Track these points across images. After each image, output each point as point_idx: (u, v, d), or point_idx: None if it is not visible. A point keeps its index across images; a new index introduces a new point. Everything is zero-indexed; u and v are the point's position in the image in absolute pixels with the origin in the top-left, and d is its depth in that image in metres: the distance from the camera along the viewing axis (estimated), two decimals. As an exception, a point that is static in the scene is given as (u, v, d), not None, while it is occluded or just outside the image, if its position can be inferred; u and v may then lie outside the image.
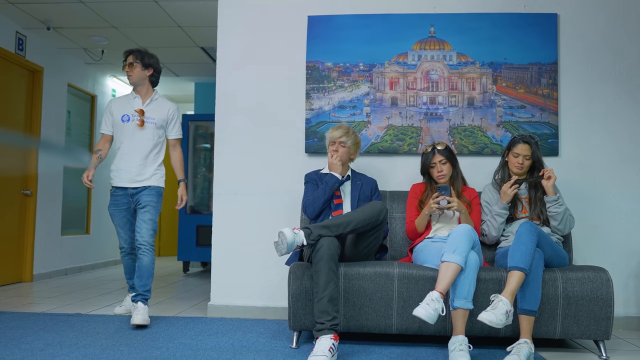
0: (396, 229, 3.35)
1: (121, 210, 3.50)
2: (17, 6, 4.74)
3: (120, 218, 3.51)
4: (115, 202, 3.50)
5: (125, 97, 3.59)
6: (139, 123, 3.43)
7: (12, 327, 3.15)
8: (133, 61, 3.46)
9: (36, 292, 4.72)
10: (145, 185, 3.45)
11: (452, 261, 2.55)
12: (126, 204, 3.48)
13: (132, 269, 3.57)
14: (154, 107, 3.51)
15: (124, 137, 3.46)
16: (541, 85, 3.56)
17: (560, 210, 2.94)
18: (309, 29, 3.69)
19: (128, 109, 3.48)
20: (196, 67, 6.59)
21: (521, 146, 3.04)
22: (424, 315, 2.44)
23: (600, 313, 2.71)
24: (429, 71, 3.63)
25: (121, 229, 3.53)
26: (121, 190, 3.47)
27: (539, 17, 3.57)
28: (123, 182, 3.45)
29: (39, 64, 5.48)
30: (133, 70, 3.46)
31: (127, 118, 3.46)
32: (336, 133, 3.18)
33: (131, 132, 3.44)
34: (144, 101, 3.50)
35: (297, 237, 2.64)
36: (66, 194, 6.02)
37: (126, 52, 3.53)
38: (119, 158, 3.47)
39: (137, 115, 3.45)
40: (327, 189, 3.06)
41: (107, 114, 3.54)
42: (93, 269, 6.50)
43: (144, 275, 3.38)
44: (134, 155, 3.43)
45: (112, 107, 3.54)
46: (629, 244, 3.48)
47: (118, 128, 3.48)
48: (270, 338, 2.97)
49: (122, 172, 3.44)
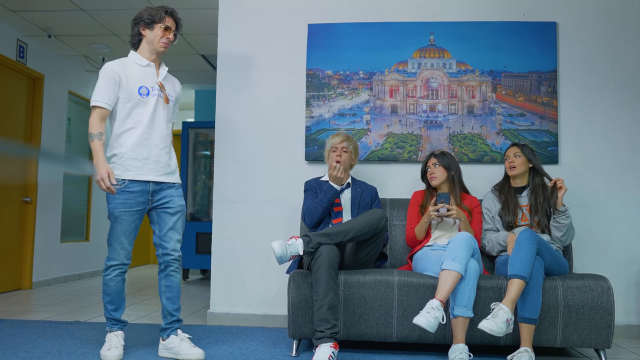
0: (396, 236, 3.34)
1: (133, 213, 2.66)
2: (18, 14, 4.76)
3: (130, 223, 2.67)
4: (128, 201, 2.64)
5: (131, 62, 2.74)
6: (164, 99, 2.74)
7: (10, 335, 3.14)
8: (176, 32, 2.81)
9: (35, 299, 4.71)
10: (172, 182, 2.77)
11: (452, 269, 2.55)
12: (142, 203, 2.68)
13: (122, 294, 2.74)
14: (168, 81, 2.84)
15: (141, 116, 2.67)
16: (541, 93, 3.57)
17: (567, 222, 2.95)
18: (309, 37, 3.71)
19: (145, 80, 2.71)
20: (197, 74, 6.61)
21: (510, 149, 3.19)
22: (424, 323, 2.43)
23: (601, 321, 2.70)
24: (429, 79, 3.64)
25: (125, 238, 2.68)
26: (138, 185, 2.65)
27: (538, 26, 3.58)
28: (146, 175, 2.67)
29: (39, 71, 5.50)
30: (172, 39, 2.78)
31: (146, 91, 2.69)
32: (337, 139, 3.19)
33: (152, 110, 2.69)
34: (158, 73, 2.79)
35: (291, 247, 2.65)
36: (66, 201, 6.02)
37: (170, 13, 2.76)
38: (137, 142, 2.66)
39: (158, 89, 2.73)
40: (325, 200, 3.05)
41: (111, 82, 2.63)
42: (92, 276, 6.49)
43: (178, 297, 2.79)
44: (157, 139, 2.71)
45: (120, 73, 2.65)
46: (629, 252, 3.47)
47: (130, 103, 2.66)
48: (270, 346, 2.96)
49: (147, 162, 2.67)
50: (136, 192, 2.65)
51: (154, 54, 2.76)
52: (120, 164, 2.64)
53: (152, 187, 2.69)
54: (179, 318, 2.78)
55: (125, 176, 2.63)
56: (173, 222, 2.74)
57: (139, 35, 2.76)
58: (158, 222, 2.74)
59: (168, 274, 2.76)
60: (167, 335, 2.73)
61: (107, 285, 2.69)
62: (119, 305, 2.73)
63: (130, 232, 2.68)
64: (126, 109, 2.66)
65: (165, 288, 2.76)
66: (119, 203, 2.63)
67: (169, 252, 2.74)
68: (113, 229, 2.67)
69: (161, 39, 2.72)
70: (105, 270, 2.70)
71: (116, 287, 2.69)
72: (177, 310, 2.77)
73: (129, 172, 2.64)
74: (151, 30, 2.73)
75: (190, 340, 2.76)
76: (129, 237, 2.69)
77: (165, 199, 2.73)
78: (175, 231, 2.75)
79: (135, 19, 2.76)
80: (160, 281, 2.79)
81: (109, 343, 2.67)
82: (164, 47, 2.74)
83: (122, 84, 2.65)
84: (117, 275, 2.68)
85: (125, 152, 2.64)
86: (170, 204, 2.73)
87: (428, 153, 3.27)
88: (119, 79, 2.64)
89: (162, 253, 2.75)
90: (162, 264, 2.77)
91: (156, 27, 2.72)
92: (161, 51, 2.75)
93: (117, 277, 2.69)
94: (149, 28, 2.73)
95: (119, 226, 2.66)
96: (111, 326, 2.72)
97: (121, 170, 2.63)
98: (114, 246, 2.67)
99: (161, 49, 2.74)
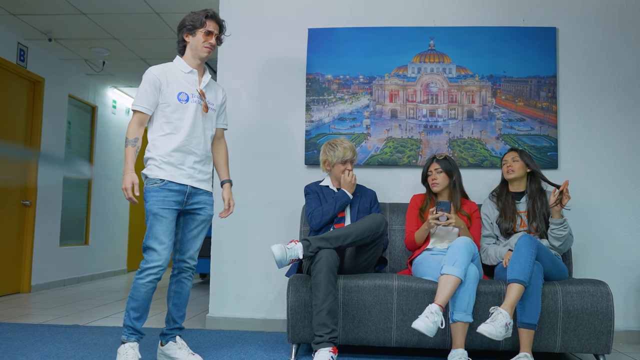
0: (396, 241, 3.34)
1: (172, 212, 2.57)
2: (19, 17, 4.77)
3: (170, 221, 2.56)
4: (167, 199, 2.55)
5: (175, 68, 2.70)
6: (204, 108, 2.69)
7: (9, 339, 3.13)
8: (219, 35, 2.75)
9: (34, 303, 4.70)
10: (206, 189, 2.72)
11: (451, 274, 2.55)
12: (179, 203, 2.59)
13: (149, 302, 2.59)
14: (210, 89, 2.79)
15: (181, 122, 2.62)
16: (540, 98, 3.57)
17: (565, 233, 2.91)
18: (310, 41, 3.71)
19: (186, 86, 2.67)
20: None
21: (507, 154, 3.18)
22: (423, 328, 2.43)
23: (601, 327, 2.69)
24: (429, 84, 3.65)
25: (166, 237, 2.54)
26: (177, 185, 2.58)
27: (538, 31, 3.59)
28: (182, 178, 2.61)
29: (40, 75, 5.51)
30: (215, 43, 2.73)
31: (185, 97, 2.64)
32: (349, 153, 3.14)
33: (192, 117, 2.64)
34: (200, 81, 2.73)
35: (291, 251, 2.65)
36: (65, 204, 6.02)
37: (211, 17, 2.70)
38: (175, 149, 2.60)
39: (198, 96, 2.68)
40: (338, 206, 3.07)
41: (152, 87, 2.60)
42: (91, 280, 6.48)
43: (185, 304, 2.77)
44: (194, 146, 2.66)
45: (161, 78, 2.62)
46: (628, 257, 3.47)
47: (169, 108, 2.62)
48: (269, 351, 2.96)
49: (183, 167, 2.62)
50: (175, 191, 2.57)
51: (197, 59, 2.71)
52: (157, 166, 2.58)
53: (189, 190, 2.62)
54: (182, 326, 2.75)
55: (163, 176, 2.56)
56: (198, 231, 2.71)
57: (183, 42, 2.72)
58: (183, 226, 2.69)
59: (180, 280, 2.72)
60: (166, 340, 2.70)
61: (137, 290, 2.52)
62: (142, 314, 2.57)
63: (171, 232, 2.56)
64: (165, 114, 2.62)
65: (175, 294, 2.73)
66: (157, 200, 2.53)
67: (186, 260, 2.70)
68: (152, 228, 2.53)
69: (203, 44, 2.67)
70: (139, 273, 2.54)
71: (146, 294, 2.54)
72: (182, 318, 2.75)
73: (166, 173, 2.58)
74: (193, 36, 2.68)
75: (188, 347, 2.74)
76: (170, 236, 2.55)
77: (198, 204, 2.68)
78: (198, 240, 2.72)
79: (179, 26, 2.73)
80: (170, 285, 2.75)
81: (124, 356, 2.50)
82: (207, 52, 2.69)
83: (162, 88, 2.61)
84: (151, 281, 2.52)
85: (162, 156, 2.58)
86: (201, 212, 2.70)
87: (429, 156, 3.25)
88: (160, 84, 2.61)
89: (179, 259, 2.70)
90: (175, 269, 2.72)
91: (198, 33, 2.66)
92: (204, 56, 2.70)
93: (151, 284, 2.53)
94: (191, 34, 2.68)
95: (158, 224, 2.52)
96: (129, 335, 2.55)
97: (158, 171, 2.58)
98: (154, 247, 2.51)
99: (204, 54, 2.69)
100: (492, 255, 2.98)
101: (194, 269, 2.75)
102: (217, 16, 2.72)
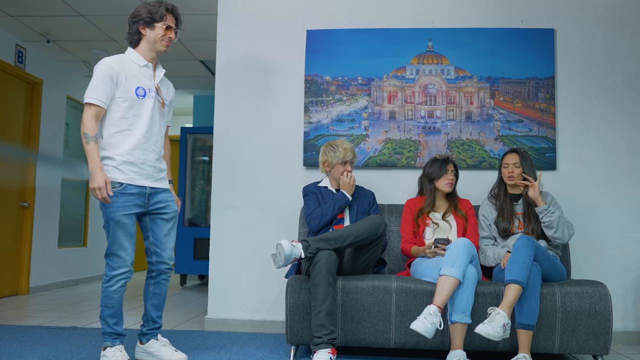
0: (394, 242, 3.34)
1: (133, 216, 2.54)
2: (17, 19, 4.76)
3: (131, 226, 2.53)
4: (127, 204, 2.50)
5: (129, 61, 2.61)
6: (161, 104, 2.63)
7: (7, 341, 3.13)
8: (177, 29, 2.69)
9: (32, 304, 4.69)
10: (164, 187, 2.67)
11: (450, 275, 2.55)
12: (139, 206, 2.55)
13: (122, 305, 2.59)
14: (163, 84, 2.72)
15: (138, 118, 2.54)
16: (538, 100, 3.58)
17: (554, 217, 2.89)
18: (308, 42, 3.71)
19: (142, 80, 2.59)
20: (195, 80, 6.62)
21: (509, 156, 3.12)
22: (422, 329, 2.43)
23: (599, 328, 2.70)
24: (427, 85, 3.65)
25: (129, 244, 2.53)
26: (136, 188, 2.53)
27: (536, 32, 3.60)
28: (143, 180, 2.55)
29: (38, 77, 5.50)
30: (174, 38, 2.67)
31: (142, 92, 2.56)
32: (349, 154, 3.14)
33: (150, 113, 2.57)
34: (155, 75, 2.67)
35: (295, 249, 2.64)
36: (63, 206, 6.01)
37: (170, 10, 2.64)
38: (135, 146, 2.53)
39: (155, 91, 2.61)
40: (337, 207, 3.07)
41: (108, 79, 2.48)
42: (90, 281, 6.47)
43: (163, 304, 2.76)
44: (153, 143, 2.60)
45: (118, 70, 2.51)
46: (627, 258, 3.47)
47: (126, 103, 2.52)
48: (268, 352, 2.95)
49: (144, 167, 2.55)
50: (134, 195, 2.52)
51: (153, 53, 2.64)
52: (116, 167, 2.49)
53: (148, 190, 2.57)
54: (161, 324, 2.75)
55: (122, 179, 2.49)
56: (168, 229, 2.67)
57: (138, 34, 2.62)
58: (152, 229, 2.65)
59: (159, 282, 2.71)
60: (147, 339, 2.70)
61: (110, 298, 2.51)
62: (120, 318, 2.57)
63: (132, 237, 2.54)
64: (122, 109, 2.51)
65: (153, 295, 2.71)
66: (118, 206, 2.47)
67: (164, 261, 2.69)
68: (115, 235, 2.50)
69: (163, 38, 2.60)
70: (107, 282, 2.52)
71: (119, 299, 2.54)
72: (160, 317, 2.74)
73: (126, 175, 2.50)
74: (152, 30, 2.59)
75: (170, 344, 2.74)
76: (132, 242, 2.54)
77: (160, 203, 2.63)
78: (170, 237, 2.69)
79: (134, 17, 2.61)
80: (148, 287, 2.73)
81: (113, 359, 2.49)
82: (167, 46, 2.63)
83: (120, 82, 2.51)
84: (122, 285, 2.53)
85: (121, 155, 2.49)
86: (166, 210, 2.65)
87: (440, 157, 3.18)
88: (117, 76, 2.50)
89: (157, 261, 2.68)
90: (154, 271, 2.70)
91: (157, 27, 2.59)
92: (163, 51, 2.63)
93: (122, 288, 2.53)
94: (149, 27, 2.59)
95: (121, 231, 2.49)
96: (113, 341, 2.54)
97: (117, 174, 2.49)
98: (118, 254, 2.51)
99: (163, 48, 2.63)
100: (491, 256, 2.98)
101: (172, 268, 2.74)
102: (175, 10, 2.66)
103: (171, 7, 2.64)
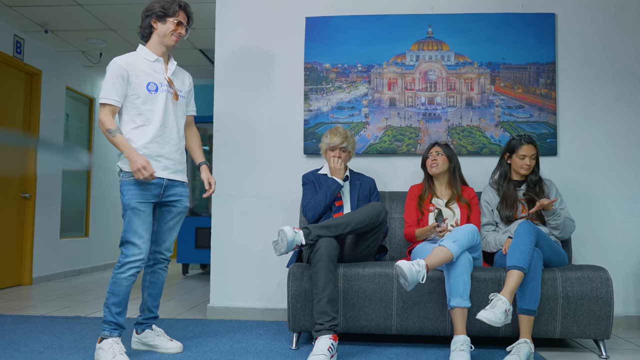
0: (395, 229, 3.34)
1: (149, 205, 2.57)
2: (15, 9, 4.74)
3: (148, 215, 2.56)
4: (144, 192, 2.54)
5: (139, 57, 2.66)
6: (174, 96, 2.68)
7: (11, 330, 3.15)
8: (187, 27, 2.73)
9: (35, 295, 4.72)
10: (181, 180, 2.72)
11: (446, 246, 2.56)
12: (155, 196, 2.59)
13: (129, 296, 2.58)
14: (177, 76, 2.77)
15: (152, 113, 2.59)
16: (539, 85, 3.56)
17: (560, 221, 2.93)
18: (307, 30, 3.69)
19: (153, 75, 2.64)
20: (194, 69, 6.54)
21: (526, 147, 3.05)
22: (406, 268, 2.46)
23: (600, 312, 2.71)
24: (427, 72, 3.64)
25: (145, 232, 2.54)
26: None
27: (536, 17, 3.57)
28: (159, 171, 2.58)
29: (37, 67, 5.48)
30: (184, 34, 2.71)
31: (154, 87, 2.61)
32: (337, 140, 3.14)
33: (163, 106, 2.62)
34: (167, 68, 2.71)
35: (297, 236, 2.64)
36: (65, 196, 6.01)
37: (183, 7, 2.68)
38: (150, 140, 2.58)
39: (167, 84, 2.66)
40: (329, 195, 3.06)
41: (119, 78, 2.54)
42: (92, 271, 6.50)
43: (160, 294, 2.79)
44: (169, 136, 2.65)
45: (127, 69, 2.57)
46: (627, 243, 3.48)
47: (139, 99, 2.58)
48: (270, 340, 2.97)
49: (160, 159, 2.60)
50: (152, 184, 2.55)
51: (163, 47, 2.68)
52: None
53: (165, 182, 2.61)
54: (157, 315, 2.78)
55: None
56: (174, 223, 2.72)
57: (150, 28, 2.67)
58: (159, 219, 2.68)
59: (155, 271, 2.74)
60: (142, 329, 2.73)
61: (119, 285, 2.50)
62: (124, 309, 2.55)
63: (149, 225, 2.57)
64: (135, 106, 2.57)
65: (150, 284, 2.74)
66: (135, 194, 2.52)
67: (162, 252, 2.73)
68: (131, 222, 2.52)
69: (173, 33, 2.65)
70: (119, 267, 2.52)
71: (127, 288, 2.53)
72: (157, 307, 2.77)
73: None
74: (163, 24, 2.64)
75: (166, 334, 2.76)
76: (148, 230, 2.56)
77: (174, 196, 2.67)
78: (174, 231, 2.73)
79: (147, 11, 2.66)
80: (145, 275, 2.75)
81: (111, 351, 2.44)
82: (176, 41, 2.68)
83: (131, 79, 2.57)
84: (133, 274, 2.51)
85: (138, 149, 2.53)
86: (177, 204, 2.70)
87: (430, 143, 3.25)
88: (127, 75, 2.56)
89: (155, 250, 2.71)
90: (151, 259, 2.72)
91: (168, 21, 2.63)
92: (172, 45, 2.68)
93: (132, 277, 2.52)
94: (160, 21, 2.64)
95: (137, 218, 2.52)
96: (111, 331, 2.51)
97: None
98: (133, 241, 2.51)
99: (172, 43, 2.67)
100: (492, 242, 2.99)
101: (169, 260, 2.78)
102: (188, 7, 2.71)
103: (184, 5, 2.69)
